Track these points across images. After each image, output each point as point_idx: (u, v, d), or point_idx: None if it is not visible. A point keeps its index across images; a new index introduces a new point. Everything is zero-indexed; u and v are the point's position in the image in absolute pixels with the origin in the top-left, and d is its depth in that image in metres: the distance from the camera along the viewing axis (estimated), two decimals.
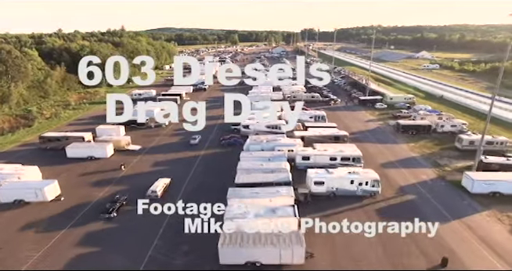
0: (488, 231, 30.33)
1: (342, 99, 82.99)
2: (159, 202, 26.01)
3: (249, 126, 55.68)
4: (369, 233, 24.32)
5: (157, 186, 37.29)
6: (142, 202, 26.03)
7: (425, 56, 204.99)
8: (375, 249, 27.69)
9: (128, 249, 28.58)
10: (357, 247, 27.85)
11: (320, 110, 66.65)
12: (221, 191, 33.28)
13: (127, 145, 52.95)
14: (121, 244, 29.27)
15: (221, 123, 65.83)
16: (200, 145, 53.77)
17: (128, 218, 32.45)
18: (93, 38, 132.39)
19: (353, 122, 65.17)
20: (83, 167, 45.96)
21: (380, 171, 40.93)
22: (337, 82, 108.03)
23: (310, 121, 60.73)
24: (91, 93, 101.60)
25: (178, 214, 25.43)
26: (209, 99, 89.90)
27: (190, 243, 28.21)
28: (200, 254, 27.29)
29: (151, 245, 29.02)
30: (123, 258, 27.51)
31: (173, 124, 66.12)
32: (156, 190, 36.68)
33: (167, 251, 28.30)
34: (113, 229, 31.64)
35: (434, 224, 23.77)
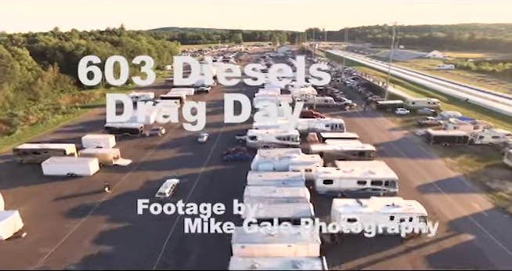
0: None
1: (358, 104, 74.52)
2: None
3: (257, 137, 47.55)
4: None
5: (166, 188, 35.15)
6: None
7: (436, 55, 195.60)
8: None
9: None
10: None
11: (337, 117, 58.19)
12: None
13: (115, 159, 45.07)
14: None
15: (224, 131, 57.81)
16: (200, 159, 45.77)
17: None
18: (91, 37, 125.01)
19: (374, 131, 56.79)
20: (60, 188, 38.12)
21: (418, 197, 32.73)
22: (349, 84, 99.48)
23: (326, 131, 52.50)
24: (86, 95, 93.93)
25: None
26: (211, 102, 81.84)
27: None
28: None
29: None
30: None
31: (170, 132, 58.34)
32: (166, 192, 34.48)
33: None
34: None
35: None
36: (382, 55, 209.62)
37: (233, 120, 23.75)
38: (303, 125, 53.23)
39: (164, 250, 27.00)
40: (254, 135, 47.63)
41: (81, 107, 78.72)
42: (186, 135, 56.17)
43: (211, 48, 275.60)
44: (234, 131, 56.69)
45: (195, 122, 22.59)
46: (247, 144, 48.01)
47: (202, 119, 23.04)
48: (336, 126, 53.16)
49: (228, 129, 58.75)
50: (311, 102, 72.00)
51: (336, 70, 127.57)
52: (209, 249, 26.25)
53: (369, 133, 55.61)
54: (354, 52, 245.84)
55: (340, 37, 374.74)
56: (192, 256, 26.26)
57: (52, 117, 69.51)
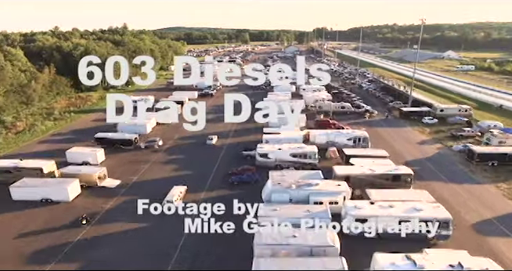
0: None
1: (379, 111, 66.17)
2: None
3: (268, 155, 39.77)
4: None
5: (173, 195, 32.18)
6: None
7: (451, 55, 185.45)
8: None
9: None
10: None
11: (359, 127, 49.94)
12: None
13: (101, 179, 37.85)
14: None
15: (230, 143, 50.25)
16: (200, 179, 38.25)
17: None
18: (92, 37, 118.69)
19: (402, 144, 48.69)
20: (28, 218, 30.98)
21: (480, 243, 25.03)
22: (365, 87, 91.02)
23: (348, 145, 44.59)
24: (83, 98, 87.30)
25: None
26: (215, 107, 74.37)
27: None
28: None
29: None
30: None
31: (168, 144, 50.99)
32: (173, 200, 30.98)
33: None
34: None
35: None
36: (394, 55, 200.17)
37: (234, 119, 23.11)
38: (321, 138, 45.43)
39: None
40: (265, 152, 39.90)
41: (75, 112, 71.82)
42: (185, 148, 48.89)
43: (217, 48, 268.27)
44: (241, 144, 49.16)
45: (195, 122, 21.92)
46: (257, 162, 40.34)
47: (202, 119, 22.36)
48: (359, 140, 45.21)
49: (235, 140, 51.23)
50: (326, 109, 63.99)
51: (349, 72, 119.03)
52: None
53: (396, 147, 47.53)
54: (363, 52, 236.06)
55: (348, 36, 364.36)
56: None
57: (42, 123, 62.65)
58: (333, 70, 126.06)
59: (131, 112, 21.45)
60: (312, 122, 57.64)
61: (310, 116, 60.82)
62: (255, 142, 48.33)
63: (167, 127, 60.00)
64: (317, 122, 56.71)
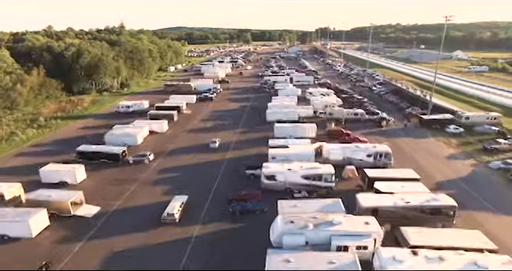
0: None
1: (395, 117, 59.16)
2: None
3: (275, 177, 32.96)
4: None
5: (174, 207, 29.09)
6: None
7: (460, 55, 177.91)
8: None
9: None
10: None
11: (382, 143, 42.50)
12: None
13: (77, 205, 31.24)
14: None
15: (231, 158, 43.43)
16: (194, 209, 31.55)
17: None
18: (87, 36, 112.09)
19: (427, 160, 41.77)
20: None
21: None
22: (376, 90, 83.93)
23: (368, 162, 37.79)
24: (74, 102, 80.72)
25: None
26: (215, 113, 67.67)
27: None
28: None
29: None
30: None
31: (160, 158, 44.26)
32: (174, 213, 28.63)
33: None
34: None
35: None
36: (400, 55, 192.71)
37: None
38: (336, 154, 38.59)
39: None
40: (272, 173, 33.06)
41: (62, 119, 65.12)
42: (179, 164, 42.16)
43: (219, 48, 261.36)
44: (243, 159, 42.36)
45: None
46: (262, 185, 33.56)
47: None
48: (380, 156, 38.36)
49: (237, 154, 44.44)
50: (338, 117, 57.11)
51: (356, 74, 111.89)
52: None
53: (421, 163, 40.67)
54: (367, 52, 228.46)
55: (351, 36, 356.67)
56: None
57: (23, 132, 56.03)
58: (339, 72, 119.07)
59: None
60: (322, 131, 50.89)
61: (319, 124, 54.17)
62: (259, 157, 41.73)
63: (161, 136, 53.39)
64: (329, 132, 49.91)
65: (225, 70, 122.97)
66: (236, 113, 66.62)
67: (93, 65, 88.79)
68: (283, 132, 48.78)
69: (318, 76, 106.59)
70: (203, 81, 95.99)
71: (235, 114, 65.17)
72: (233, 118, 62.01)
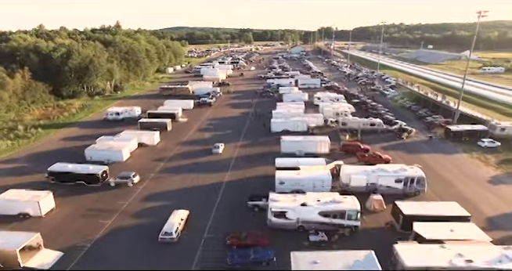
0: None
1: (415, 127, 51.86)
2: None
3: (286, 214, 25.83)
4: None
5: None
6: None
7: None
8: None
9: None
10: None
11: (414, 165, 34.48)
12: None
13: (31, 252, 24.31)
14: None
15: (229, 182, 36.32)
16: (185, 254, 24.58)
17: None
18: (81, 36, 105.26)
19: (466, 184, 34.61)
20: None
21: None
22: (389, 94, 76.62)
23: (397, 190, 30.72)
24: (63, 107, 73.84)
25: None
26: (213, 121, 60.45)
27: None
28: None
29: None
30: None
31: (147, 180, 37.27)
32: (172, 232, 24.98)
33: None
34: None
35: None
36: (407, 55, 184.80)
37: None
38: (358, 180, 31.49)
39: None
40: (282, 208, 25.95)
41: (44, 127, 58.20)
42: (168, 188, 35.17)
43: (220, 48, 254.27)
44: (244, 183, 35.28)
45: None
46: (269, 223, 26.48)
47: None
48: (412, 181, 31.25)
49: (237, 176, 37.33)
50: (352, 127, 49.95)
51: (365, 76, 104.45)
52: None
53: (458, 188, 33.56)
54: (372, 53, 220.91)
55: (354, 36, 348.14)
56: None
57: None
58: (346, 74, 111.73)
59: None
60: (334, 143, 43.80)
61: (331, 135, 47.18)
62: (265, 181, 34.77)
63: (152, 150, 46.41)
64: (343, 147, 42.77)
65: (226, 72, 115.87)
66: (236, 121, 59.52)
67: (84, 67, 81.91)
68: (291, 147, 41.82)
69: (324, 78, 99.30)
70: (202, 84, 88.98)
71: (235, 123, 58.06)
72: (234, 128, 54.94)
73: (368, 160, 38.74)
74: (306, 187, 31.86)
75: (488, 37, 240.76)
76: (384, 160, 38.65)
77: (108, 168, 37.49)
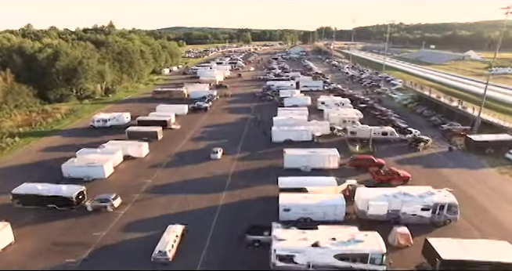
0: None
1: (429, 135, 46.58)
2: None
3: (295, 258, 20.46)
4: None
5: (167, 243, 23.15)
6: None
7: (472, 56, 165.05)
8: None
9: None
10: None
11: (444, 190, 28.54)
12: None
13: None
14: None
15: (225, 205, 31.03)
16: None
17: None
18: (71, 36, 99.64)
19: (501, 209, 29.25)
20: None
21: None
22: (396, 98, 71.32)
23: (424, 219, 25.55)
24: (48, 112, 68.26)
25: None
26: (208, 129, 54.95)
27: None
28: None
29: None
30: None
31: (130, 203, 31.95)
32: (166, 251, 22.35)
33: None
34: None
35: None
36: (409, 56, 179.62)
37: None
38: (377, 208, 26.22)
39: None
40: (289, 251, 20.59)
41: (23, 136, 52.68)
42: (153, 214, 29.83)
43: (218, 49, 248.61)
44: (243, 206, 29.95)
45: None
46: (273, 268, 21.14)
47: None
48: (442, 208, 26.04)
49: (234, 197, 31.99)
50: (363, 136, 44.67)
51: (369, 77, 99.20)
52: None
53: (494, 214, 28.33)
54: (372, 53, 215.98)
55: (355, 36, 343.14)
56: None
57: None
58: (349, 75, 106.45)
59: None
60: (343, 155, 38.60)
61: (338, 145, 42.04)
62: (266, 205, 29.58)
63: (139, 163, 41.02)
64: (354, 161, 37.48)
65: (224, 73, 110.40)
66: (234, 128, 54.16)
67: (72, 68, 76.43)
68: (295, 162, 36.58)
69: (327, 80, 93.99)
70: (198, 87, 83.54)
71: (233, 131, 52.71)
72: (231, 137, 49.58)
73: (383, 178, 33.50)
74: (315, 215, 26.76)
75: (489, 36, 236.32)
76: (402, 178, 33.49)
77: (85, 189, 32.11)
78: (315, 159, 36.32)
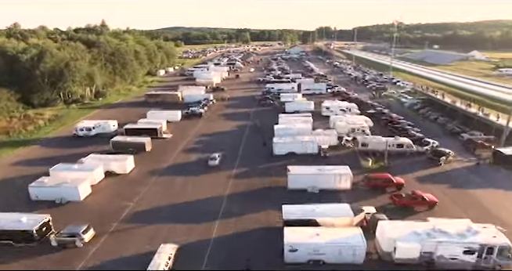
0: None
1: (450, 147, 41.24)
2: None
3: None
4: None
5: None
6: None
7: (476, 56, 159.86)
8: None
9: None
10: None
11: (490, 226, 22.75)
12: None
13: None
14: None
15: (218, 239, 25.56)
16: None
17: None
18: (60, 36, 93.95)
19: None
20: None
21: None
22: (406, 102, 65.81)
23: (466, 264, 20.22)
24: (30, 118, 62.54)
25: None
26: (203, 138, 49.26)
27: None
28: None
29: None
30: None
31: (107, 234, 26.47)
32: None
33: None
34: None
35: None
36: (413, 56, 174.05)
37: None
38: (407, 251, 20.79)
39: None
40: None
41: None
42: (133, 252, 24.36)
43: (216, 49, 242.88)
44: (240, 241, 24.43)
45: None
46: None
47: None
48: (490, 252, 20.64)
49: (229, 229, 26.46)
50: (376, 149, 39.26)
51: (374, 79, 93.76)
52: None
53: None
54: (373, 53, 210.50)
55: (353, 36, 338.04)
56: None
57: None
58: (352, 77, 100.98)
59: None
60: (354, 172, 33.24)
61: (347, 158, 36.80)
62: (267, 241, 24.17)
63: (121, 182, 35.46)
64: (370, 182, 32.06)
65: (221, 75, 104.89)
66: (231, 138, 48.68)
67: (58, 71, 70.81)
68: (301, 182, 31.21)
69: (330, 82, 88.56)
70: (194, 90, 78.06)
71: (230, 141, 47.24)
72: (227, 148, 44.12)
73: (405, 202, 28.16)
74: (329, 256, 21.43)
75: (490, 36, 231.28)
76: (427, 203, 28.16)
77: (50, 219, 26.60)
78: (324, 179, 30.94)
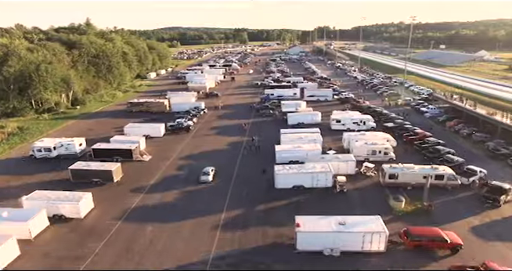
0: None
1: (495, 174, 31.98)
2: None
3: None
4: None
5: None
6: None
7: (485, 56, 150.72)
8: None
9: None
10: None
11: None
12: None
13: None
14: None
15: None
16: None
17: None
18: (38, 36, 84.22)
19: None
20: None
21: None
22: (427, 112, 56.01)
23: None
24: None
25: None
26: (188, 161, 39.34)
27: None
28: None
29: None
30: None
31: None
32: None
33: None
34: None
35: None
36: (417, 56, 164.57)
37: None
38: None
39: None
40: None
41: None
42: None
43: (213, 49, 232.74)
44: None
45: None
46: None
47: None
48: None
49: None
50: (407, 182, 29.81)
51: (383, 83, 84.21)
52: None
53: None
54: (375, 53, 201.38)
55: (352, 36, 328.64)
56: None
57: None
58: (359, 80, 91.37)
59: None
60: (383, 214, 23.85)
61: (372, 197, 27.44)
62: None
63: (71, 233, 25.12)
64: (413, 241, 22.51)
65: (216, 78, 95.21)
66: (222, 160, 38.95)
67: (27, 75, 61.04)
68: (315, 243, 21.75)
69: (335, 86, 79.11)
70: (183, 97, 68.42)
71: (221, 164, 37.37)
72: (217, 177, 34.60)
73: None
74: None
75: (495, 36, 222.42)
76: None
77: None
78: (348, 238, 21.48)
